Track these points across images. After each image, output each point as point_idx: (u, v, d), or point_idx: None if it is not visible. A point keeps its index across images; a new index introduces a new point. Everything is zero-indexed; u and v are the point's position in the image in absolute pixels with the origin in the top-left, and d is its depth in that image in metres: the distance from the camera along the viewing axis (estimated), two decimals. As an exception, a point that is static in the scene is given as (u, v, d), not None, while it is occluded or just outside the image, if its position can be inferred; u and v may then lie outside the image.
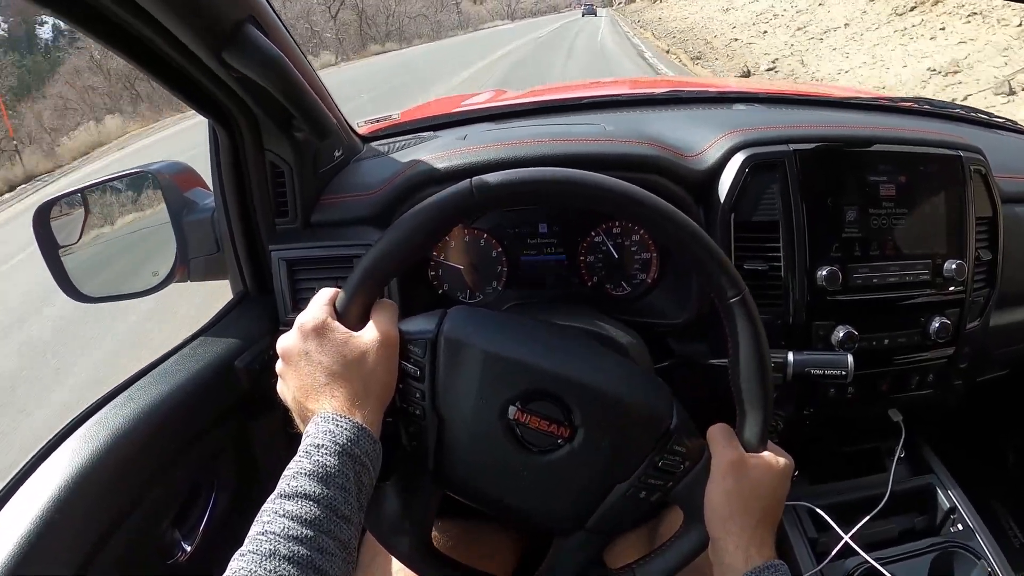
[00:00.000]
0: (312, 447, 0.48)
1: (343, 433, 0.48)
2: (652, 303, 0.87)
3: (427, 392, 0.55)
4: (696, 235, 0.55)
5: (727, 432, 0.58)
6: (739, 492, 0.54)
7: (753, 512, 0.54)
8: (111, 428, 0.65)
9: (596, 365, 0.58)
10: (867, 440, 0.97)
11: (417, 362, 0.55)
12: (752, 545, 0.53)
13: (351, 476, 0.47)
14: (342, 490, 0.46)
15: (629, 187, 0.55)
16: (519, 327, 0.61)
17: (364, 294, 0.55)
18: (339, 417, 0.49)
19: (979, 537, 0.86)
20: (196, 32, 0.59)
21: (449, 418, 0.55)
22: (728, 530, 0.54)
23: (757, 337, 0.55)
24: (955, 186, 0.84)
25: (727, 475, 0.55)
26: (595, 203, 0.56)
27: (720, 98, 1.12)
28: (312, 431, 0.49)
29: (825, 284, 0.79)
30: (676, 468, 0.56)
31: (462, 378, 0.55)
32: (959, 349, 0.88)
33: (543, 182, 0.55)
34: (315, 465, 0.46)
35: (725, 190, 0.80)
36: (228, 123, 0.77)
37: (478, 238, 0.88)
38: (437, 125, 1.04)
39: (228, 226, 0.84)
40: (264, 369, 0.82)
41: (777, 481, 0.56)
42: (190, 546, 0.74)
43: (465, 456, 0.56)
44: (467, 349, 0.55)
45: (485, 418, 0.55)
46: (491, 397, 0.55)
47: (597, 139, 0.83)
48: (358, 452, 0.48)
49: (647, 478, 0.56)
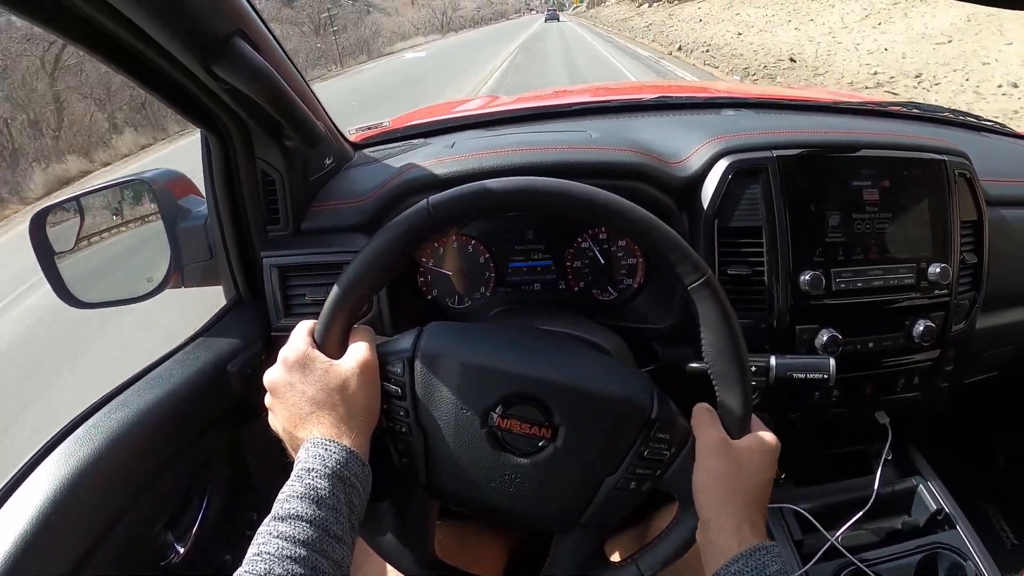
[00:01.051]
0: (303, 471, 0.50)
1: (332, 456, 0.51)
2: (637, 308, 0.88)
3: (410, 409, 0.57)
4: (653, 226, 0.56)
5: (709, 414, 0.58)
6: (725, 473, 0.54)
7: (740, 492, 0.54)
8: (106, 432, 0.66)
9: (571, 364, 0.59)
10: (854, 443, 0.98)
11: (397, 381, 0.57)
12: (745, 525, 0.53)
13: (342, 497, 0.49)
14: (334, 511, 0.48)
15: (585, 188, 0.56)
16: (493, 335, 0.63)
17: (339, 322, 0.57)
18: (327, 442, 0.52)
19: (966, 538, 0.86)
20: (186, 45, 0.60)
21: (434, 431, 0.57)
22: (717, 512, 0.54)
23: (726, 316, 0.55)
24: (939, 190, 0.85)
25: (711, 456, 0.55)
26: (553, 208, 0.57)
27: (709, 103, 1.13)
28: (303, 456, 0.51)
29: (808, 288, 0.80)
30: (662, 456, 0.57)
31: (442, 391, 0.56)
32: (944, 352, 0.88)
33: (498, 193, 0.56)
34: (307, 488, 0.49)
35: (708, 196, 0.81)
36: (219, 132, 0.78)
37: (466, 244, 0.89)
38: (427, 132, 1.06)
39: (221, 233, 0.85)
40: (256, 373, 0.83)
41: (763, 460, 0.56)
42: (183, 548, 0.75)
43: (453, 466, 0.57)
44: (444, 362, 0.57)
45: (468, 427, 0.56)
46: (471, 406, 0.56)
47: (582, 147, 0.84)
48: (348, 474, 0.51)
49: (635, 469, 0.56)
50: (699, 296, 0.56)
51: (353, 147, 1.01)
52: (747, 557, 0.51)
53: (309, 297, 0.84)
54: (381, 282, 0.59)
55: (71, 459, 0.63)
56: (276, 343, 0.87)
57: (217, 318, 0.88)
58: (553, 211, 0.58)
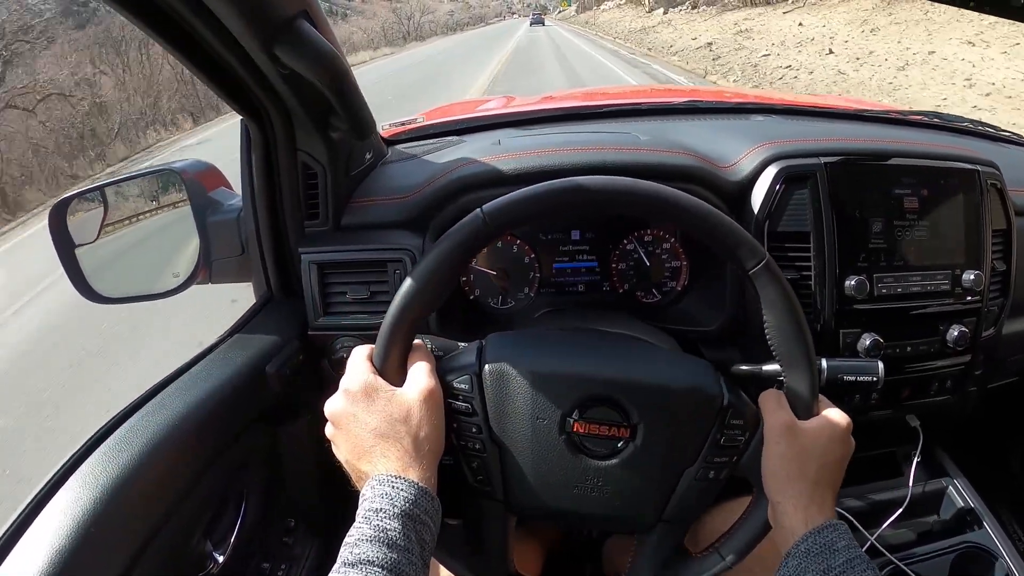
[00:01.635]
0: (371, 512, 0.48)
1: (400, 495, 0.49)
2: (683, 310, 0.88)
3: (482, 424, 0.55)
4: (709, 214, 0.56)
5: (777, 397, 0.58)
6: (792, 455, 0.55)
7: (808, 474, 0.54)
8: (146, 436, 0.63)
9: (640, 361, 0.59)
10: (883, 445, 1.00)
11: (466, 398, 0.56)
12: (812, 506, 0.53)
13: (413, 537, 0.48)
14: (406, 552, 0.47)
15: (637, 183, 0.56)
16: (558, 341, 0.62)
17: (398, 344, 0.55)
18: (395, 479, 0.50)
19: (995, 537, 0.89)
20: (250, 26, 0.58)
21: (510, 445, 0.56)
22: (786, 493, 0.54)
23: (788, 297, 0.55)
24: (973, 199, 0.87)
25: (779, 440, 0.55)
26: (607, 206, 0.57)
27: (738, 108, 1.13)
28: (369, 495, 0.49)
29: (853, 293, 0.81)
30: (737, 441, 0.57)
31: (515, 403, 0.55)
32: (975, 357, 0.91)
33: (551, 194, 0.55)
34: (376, 530, 0.47)
35: (759, 201, 0.81)
36: (262, 121, 0.75)
37: (511, 244, 0.88)
38: (462, 130, 1.04)
39: (256, 227, 0.82)
40: (295, 374, 0.80)
41: (832, 440, 0.56)
42: (221, 556, 0.72)
43: (533, 478, 0.56)
44: (513, 373, 0.55)
45: (546, 437, 0.55)
46: (547, 414, 0.55)
47: (634, 148, 0.84)
48: (418, 512, 0.49)
49: (712, 457, 0.56)
50: (760, 280, 0.55)
51: (385, 143, 0.98)
52: (815, 535, 0.51)
53: (350, 295, 0.82)
54: (437, 300, 0.56)
55: (110, 465, 0.59)
56: (313, 342, 0.84)
57: (250, 316, 0.85)
58: (610, 209, 0.57)
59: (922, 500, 0.93)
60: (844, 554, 0.50)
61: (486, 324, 0.86)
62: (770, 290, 0.55)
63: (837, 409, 0.59)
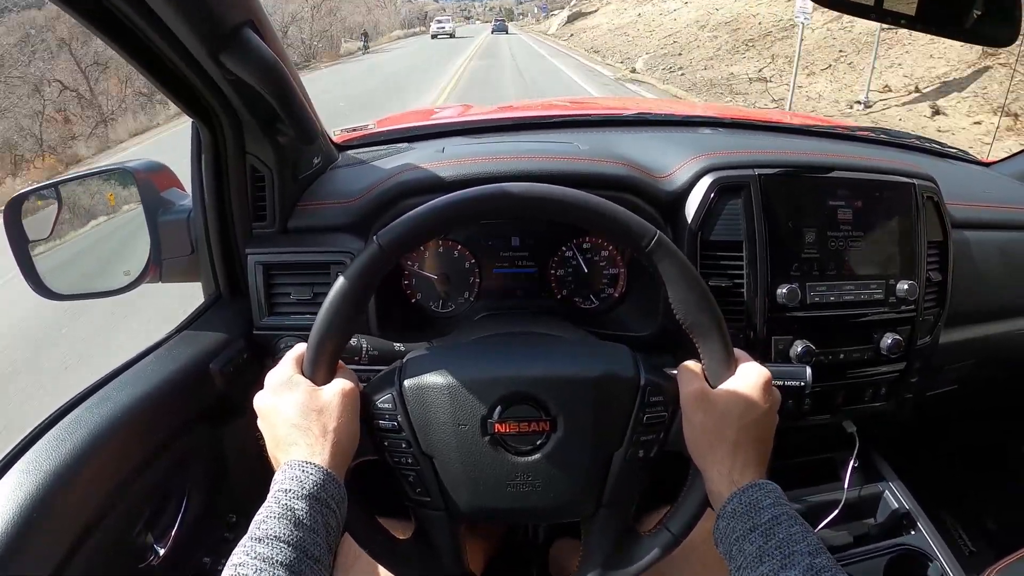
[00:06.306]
0: (280, 492, 0.50)
1: (309, 478, 0.51)
2: (619, 317, 0.90)
3: (411, 440, 0.58)
4: (597, 204, 0.57)
5: (689, 370, 0.59)
6: (711, 422, 0.56)
7: (728, 437, 0.55)
8: (88, 428, 0.64)
9: (554, 356, 0.61)
10: (822, 451, 1.01)
11: (391, 416, 0.58)
12: (736, 468, 0.54)
13: (319, 519, 0.50)
14: (311, 532, 0.48)
15: (530, 187, 0.57)
16: (471, 349, 0.65)
17: (325, 355, 0.57)
18: (304, 464, 0.52)
19: (930, 540, 0.90)
20: (196, 33, 0.60)
21: (440, 455, 0.58)
22: (709, 460, 0.55)
23: (685, 269, 0.56)
24: (908, 212, 0.89)
25: (696, 409, 0.56)
26: (497, 214, 0.59)
27: (686, 121, 1.16)
28: (280, 477, 0.52)
29: (785, 301, 0.83)
30: (661, 417, 0.58)
31: (437, 414, 0.57)
32: (910, 364, 0.93)
33: (436, 211, 0.56)
34: (283, 509, 0.49)
35: (693, 210, 0.83)
36: (212, 124, 0.77)
37: (452, 249, 0.89)
38: (412, 136, 1.06)
39: (204, 227, 0.84)
40: (238, 372, 0.82)
41: (749, 399, 0.56)
42: (162, 550, 0.73)
43: (468, 483, 0.58)
44: (431, 386, 0.57)
45: (470, 441, 0.57)
46: (468, 420, 0.57)
47: (573, 157, 0.86)
48: (325, 496, 0.51)
49: (638, 437, 0.58)
50: (656, 256, 0.56)
51: (336, 148, 1.01)
52: (740, 495, 0.53)
53: (294, 296, 0.84)
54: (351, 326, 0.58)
55: (52, 455, 0.61)
56: (258, 341, 0.86)
57: (197, 314, 0.87)
58: (501, 216, 0.59)
59: (859, 504, 0.95)
60: (769, 511, 0.51)
61: (426, 327, 0.87)
62: (667, 264, 0.56)
63: (754, 364, 0.59)
